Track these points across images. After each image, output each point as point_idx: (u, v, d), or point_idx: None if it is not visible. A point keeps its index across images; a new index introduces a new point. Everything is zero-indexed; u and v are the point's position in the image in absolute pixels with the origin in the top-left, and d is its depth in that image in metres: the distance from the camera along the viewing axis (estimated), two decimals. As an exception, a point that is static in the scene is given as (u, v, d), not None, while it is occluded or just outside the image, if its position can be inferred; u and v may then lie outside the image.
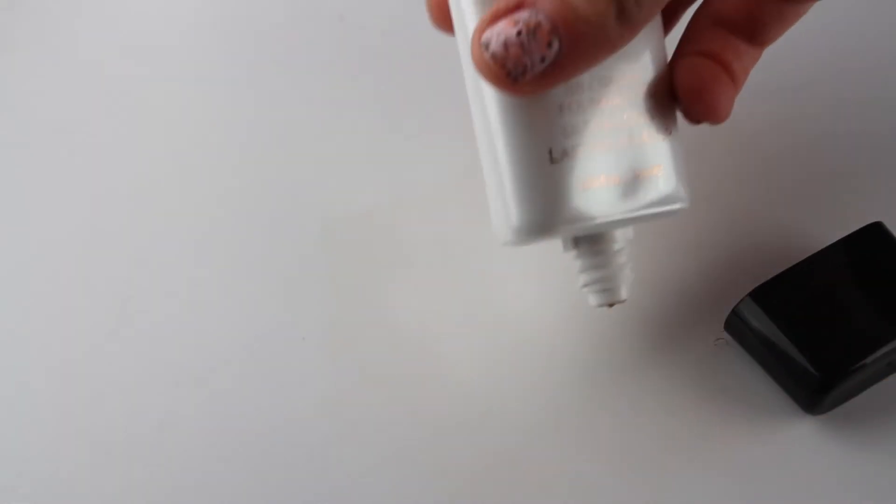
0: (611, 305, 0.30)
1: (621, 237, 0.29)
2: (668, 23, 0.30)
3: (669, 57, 0.28)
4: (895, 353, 0.29)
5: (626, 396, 0.31)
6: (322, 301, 0.34)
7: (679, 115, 0.28)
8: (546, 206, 0.26)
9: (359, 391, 0.32)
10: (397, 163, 0.37)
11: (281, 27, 0.41)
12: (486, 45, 0.24)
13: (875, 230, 0.31)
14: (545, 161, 0.26)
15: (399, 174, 0.36)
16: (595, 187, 0.26)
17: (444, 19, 0.26)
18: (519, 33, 0.24)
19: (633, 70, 0.26)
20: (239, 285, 0.34)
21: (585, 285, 0.30)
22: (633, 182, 0.27)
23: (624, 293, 0.30)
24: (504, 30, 0.24)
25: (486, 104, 0.26)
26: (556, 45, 0.23)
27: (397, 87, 0.39)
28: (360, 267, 0.34)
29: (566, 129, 0.26)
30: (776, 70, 0.38)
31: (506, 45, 0.24)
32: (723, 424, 0.31)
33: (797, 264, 0.30)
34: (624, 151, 0.26)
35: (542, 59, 0.24)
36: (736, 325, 0.31)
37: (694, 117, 0.27)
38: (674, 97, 0.27)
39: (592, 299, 0.30)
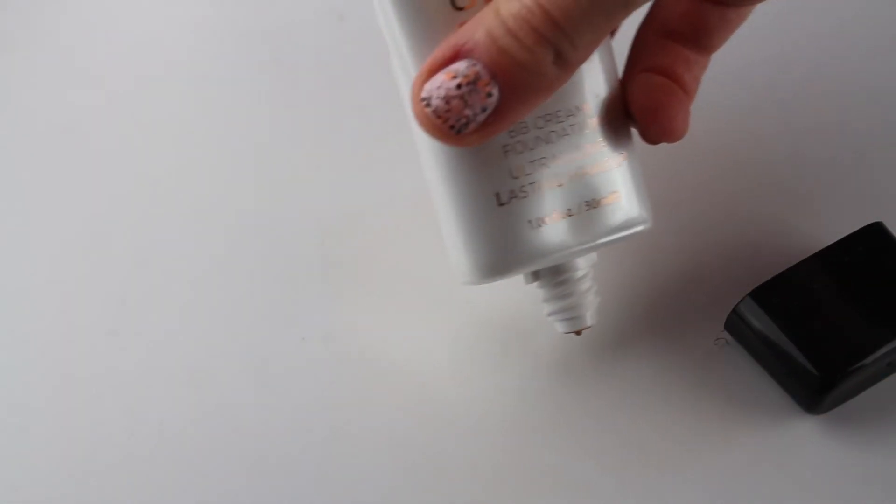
0: (578, 333, 0.30)
1: (584, 264, 0.29)
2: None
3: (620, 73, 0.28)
4: (895, 353, 0.29)
5: (625, 396, 0.31)
6: (322, 301, 0.34)
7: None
8: (496, 251, 0.26)
9: (359, 391, 0.32)
10: (398, 163, 0.37)
11: (280, 27, 0.41)
12: (427, 101, 0.24)
13: (875, 230, 0.31)
14: (492, 205, 0.26)
15: (400, 175, 0.36)
16: (547, 225, 0.26)
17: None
18: (459, 86, 0.23)
19: (582, 100, 0.26)
20: (239, 285, 0.34)
21: (550, 314, 0.30)
22: (587, 214, 0.26)
23: (589, 319, 0.30)
24: (443, 83, 0.24)
25: (429, 154, 0.26)
26: (495, 94, 0.23)
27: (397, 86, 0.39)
28: (361, 267, 0.34)
29: (512, 170, 0.26)
30: (776, 70, 0.38)
31: (447, 99, 0.24)
32: (723, 424, 0.31)
33: (797, 264, 0.30)
34: (575, 185, 0.26)
35: (484, 109, 0.24)
36: (736, 325, 0.31)
37: (651, 139, 0.27)
38: (628, 116, 0.27)
39: (559, 327, 0.30)
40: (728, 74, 0.38)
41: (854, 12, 0.39)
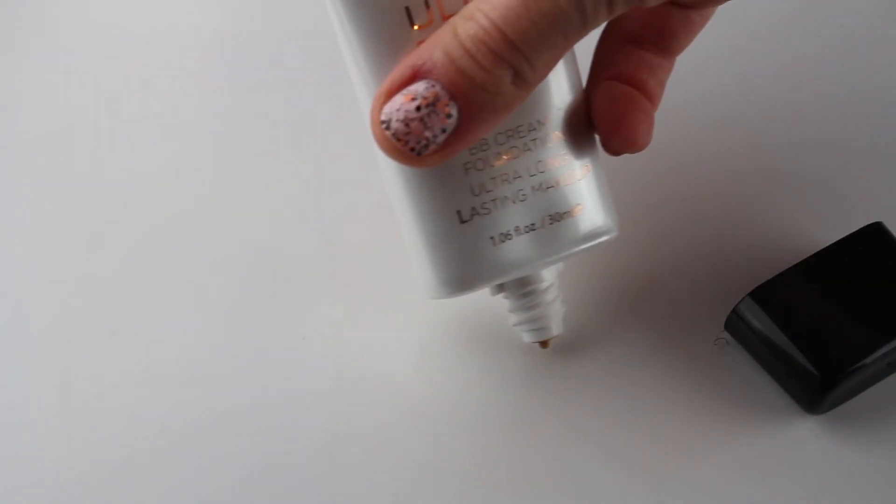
0: (544, 344, 0.31)
1: (549, 275, 0.29)
2: None
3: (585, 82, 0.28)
4: (895, 353, 0.29)
5: (625, 396, 0.31)
6: (322, 301, 0.34)
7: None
8: (459, 267, 0.26)
9: (359, 391, 0.32)
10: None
11: (280, 27, 0.41)
12: (387, 124, 0.24)
13: (875, 230, 0.31)
14: (454, 223, 0.26)
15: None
16: (511, 240, 0.26)
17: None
18: (419, 108, 0.24)
19: (543, 113, 0.26)
20: (238, 285, 0.34)
21: (515, 325, 0.30)
22: (551, 227, 0.27)
23: (555, 329, 0.30)
24: (403, 105, 0.24)
25: (390, 173, 0.26)
26: (454, 114, 0.24)
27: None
28: (361, 267, 0.34)
29: (473, 188, 0.26)
30: (775, 70, 0.38)
31: (406, 122, 0.24)
32: (723, 424, 0.31)
33: (797, 264, 0.30)
34: (538, 199, 0.26)
35: (444, 130, 0.24)
36: (736, 325, 0.31)
37: (613, 150, 0.27)
38: (592, 126, 0.27)
39: (525, 338, 0.31)
40: (729, 74, 0.38)
41: (854, 12, 0.39)
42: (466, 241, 0.26)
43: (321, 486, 0.30)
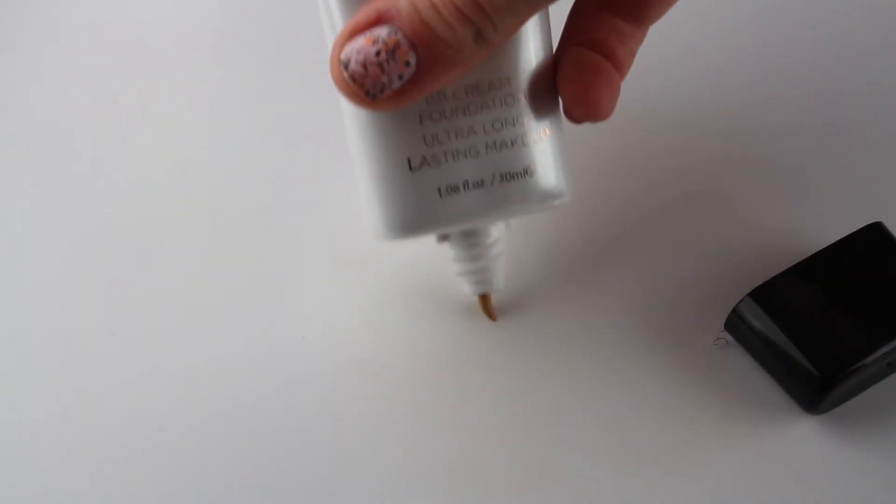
0: (485, 297, 0.31)
1: (495, 231, 0.30)
2: None
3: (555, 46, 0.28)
4: (895, 353, 0.29)
5: (625, 395, 0.31)
6: (322, 301, 0.34)
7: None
8: (403, 214, 0.27)
9: (358, 390, 0.32)
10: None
11: (280, 27, 0.41)
12: (346, 64, 0.24)
13: (875, 230, 0.31)
14: (404, 170, 0.27)
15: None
16: (458, 194, 0.27)
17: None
18: (378, 53, 0.24)
19: (507, 73, 0.26)
20: (238, 284, 0.34)
21: (458, 275, 0.31)
22: (500, 186, 0.27)
23: (497, 283, 0.31)
24: (363, 48, 0.24)
25: (348, 114, 0.27)
26: (413, 63, 0.24)
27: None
28: (361, 267, 0.34)
29: (426, 138, 0.26)
30: (775, 69, 0.38)
31: (364, 64, 0.24)
32: (723, 424, 0.31)
33: (797, 264, 0.30)
34: (491, 157, 0.27)
35: (400, 77, 0.24)
36: (736, 325, 0.31)
37: (575, 118, 0.27)
38: (556, 91, 0.27)
39: (466, 289, 0.31)
40: (729, 75, 0.38)
41: (854, 10, 0.39)
42: (413, 189, 0.27)
43: (325, 483, 0.30)
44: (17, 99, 0.40)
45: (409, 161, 0.27)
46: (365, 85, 0.24)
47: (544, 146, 0.27)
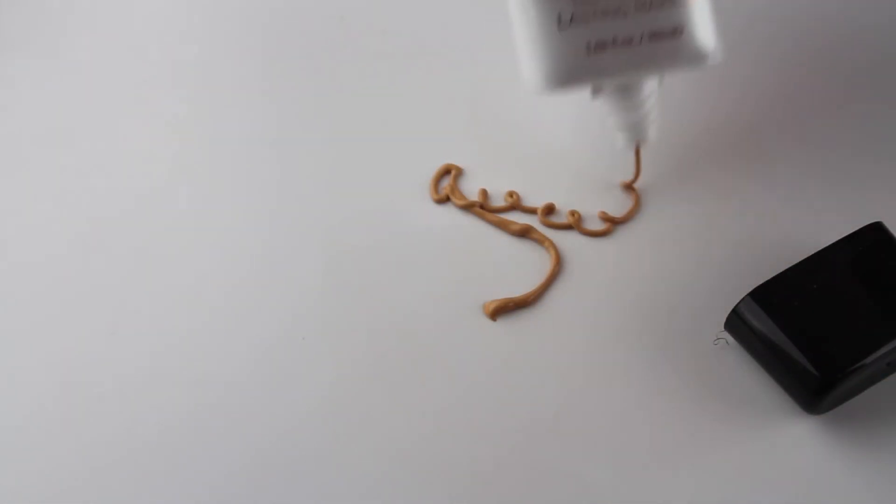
0: (636, 150, 0.33)
1: (647, 86, 0.31)
2: None
3: None
4: (895, 353, 0.29)
5: (625, 395, 0.31)
6: (322, 301, 0.34)
7: None
8: (552, 67, 0.29)
9: (359, 390, 0.32)
10: (398, 162, 0.37)
11: (281, 27, 0.41)
12: None
13: (875, 230, 0.31)
14: (552, 26, 0.28)
15: (400, 173, 0.36)
16: (605, 51, 0.28)
17: None
18: None
19: None
20: (238, 285, 0.34)
21: (612, 128, 0.32)
22: (648, 44, 0.28)
23: (650, 135, 0.32)
24: None
25: None
26: None
27: (397, 86, 0.39)
28: (361, 266, 0.34)
29: None
30: (775, 69, 0.38)
31: None
32: (723, 424, 0.31)
33: (797, 264, 0.30)
34: (640, 17, 0.28)
35: None
36: (736, 325, 0.31)
37: None
38: None
39: (620, 142, 0.33)
40: (730, 75, 0.38)
41: (859, 8, 0.39)
42: (562, 45, 0.29)
43: (326, 484, 0.30)
44: (17, 99, 0.40)
45: (559, 17, 0.28)
46: None
47: (693, 7, 0.28)
